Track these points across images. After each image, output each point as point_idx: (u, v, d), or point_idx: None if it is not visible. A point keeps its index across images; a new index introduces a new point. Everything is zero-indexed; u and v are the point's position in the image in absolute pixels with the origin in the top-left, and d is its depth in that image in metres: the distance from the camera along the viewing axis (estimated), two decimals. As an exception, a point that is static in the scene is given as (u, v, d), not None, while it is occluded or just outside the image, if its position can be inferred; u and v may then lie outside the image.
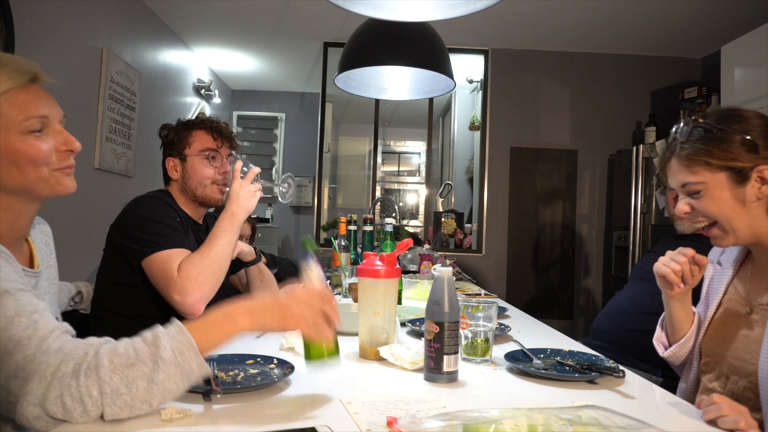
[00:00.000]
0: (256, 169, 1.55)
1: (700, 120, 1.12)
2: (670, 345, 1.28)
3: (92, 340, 0.80)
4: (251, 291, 1.79)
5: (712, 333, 1.21)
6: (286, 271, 2.75)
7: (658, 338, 1.33)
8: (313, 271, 1.01)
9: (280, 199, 1.63)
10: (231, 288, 1.99)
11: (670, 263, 1.18)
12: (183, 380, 0.80)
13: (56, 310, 1.07)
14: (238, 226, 1.50)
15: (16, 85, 0.88)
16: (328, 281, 2.45)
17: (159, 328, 0.82)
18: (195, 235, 1.68)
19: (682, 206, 1.14)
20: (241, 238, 1.85)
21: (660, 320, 1.35)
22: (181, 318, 1.29)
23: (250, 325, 0.88)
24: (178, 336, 0.81)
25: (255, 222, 2.78)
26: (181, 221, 1.58)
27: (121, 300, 1.53)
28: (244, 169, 1.53)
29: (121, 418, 0.77)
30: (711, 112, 1.14)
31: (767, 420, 0.99)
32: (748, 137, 1.06)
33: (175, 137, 1.69)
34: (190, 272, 1.38)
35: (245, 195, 1.51)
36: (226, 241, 1.47)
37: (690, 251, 1.18)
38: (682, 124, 1.14)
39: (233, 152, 1.65)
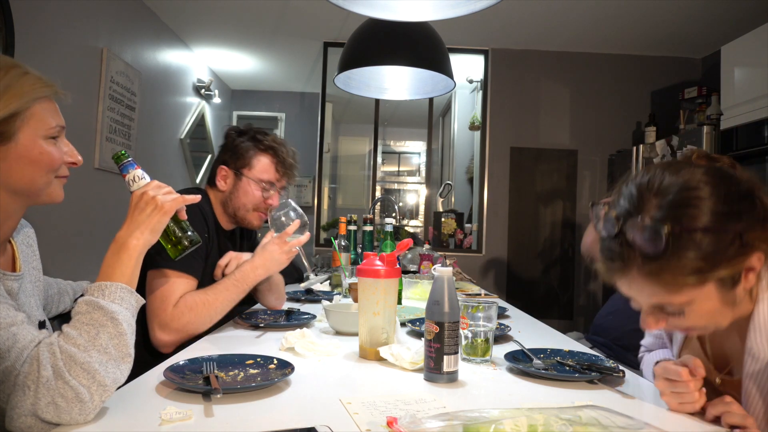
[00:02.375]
0: (304, 238, 1.51)
1: (653, 214, 0.83)
2: None
3: (45, 339, 0.81)
4: (259, 293, 1.76)
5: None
6: (285, 271, 2.75)
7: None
8: (138, 175, 1.01)
9: (303, 285, 1.60)
10: None
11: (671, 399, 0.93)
12: (135, 315, 0.89)
13: (41, 312, 1.07)
14: (252, 285, 1.47)
15: (48, 95, 0.93)
16: (328, 280, 2.45)
17: (81, 300, 0.86)
18: (220, 240, 1.63)
19: (654, 324, 0.89)
20: None
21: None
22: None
23: (136, 241, 0.94)
24: (106, 289, 0.86)
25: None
26: (209, 229, 1.55)
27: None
28: (297, 234, 1.50)
29: (123, 381, 0.82)
30: (660, 190, 0.84)
31: None
32: (727, 226, 0.81)
33: (241, 150, 1.63)
34: (183, 316, 1.34)
35: (277, 258, 1.48)
36: (232, 298, 1.44)
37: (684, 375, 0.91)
38: (635, 229, 0.83)
39: (291, 200, 1.58)
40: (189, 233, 1.06)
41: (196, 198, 1.05)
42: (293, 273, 2.86)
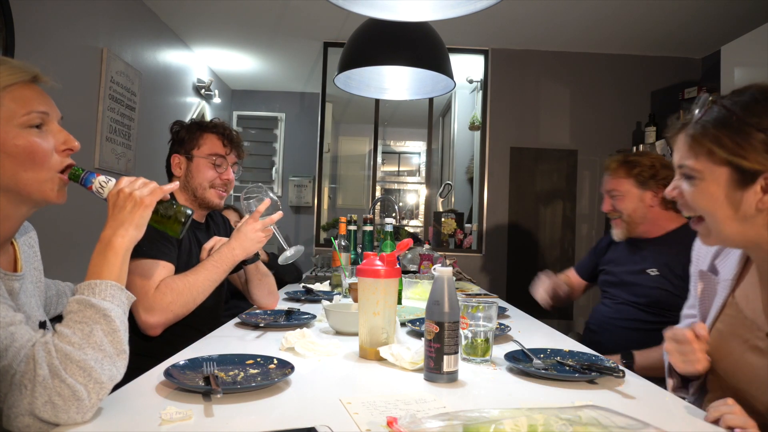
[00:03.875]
0: (276, 216, 1.57)
1: (725, 100, 0.96)
2: (687, 383, 1.12)
3: (39, 339, 0.80)
4: (250, 289, 1.78)
5: (710, 354, 1.04)
6: (285, 270, 2.75)
7: (672, 387, 1.14)
8: (101, 181, 0.99)
9: (280, 259, 1.64)
10: (230, 287, 1.99)
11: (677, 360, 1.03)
12: (126, 312, 0.88)
13: (42, 312, 1.07)
14: (231, 265, 1.52)
15: (19, 81, 0.89)
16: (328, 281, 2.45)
17: (72, 299, 0.85)
18: (192, 233, 1.68)
19: (672, 187, 1.02)
20: None
21: (667, 370, 1.15)
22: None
23: (122, 238, 0.92)
24: (96, 287, 0.86)
25: None
26: None
27: None
28: (269, 215, 1.55)
29: (119, 378, 0.82)
30: (742, 90, 0.98)
31: None
32: None
33: (186, 135, 1.71)
34: (165, 297, 1.39)
35: (252, 237, 1.53)
36: (213, 278, 1.48)
37: (689, 336, 1.01)
38: (703, 98, 1.00)
39: (243, 173, 1.70)
40: (181, 208, 1.04)
41: (174, 186, 1.04)
42: (293, 272, 2.86)
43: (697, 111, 0.98)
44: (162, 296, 1.38)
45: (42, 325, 1.05)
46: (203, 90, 4.91)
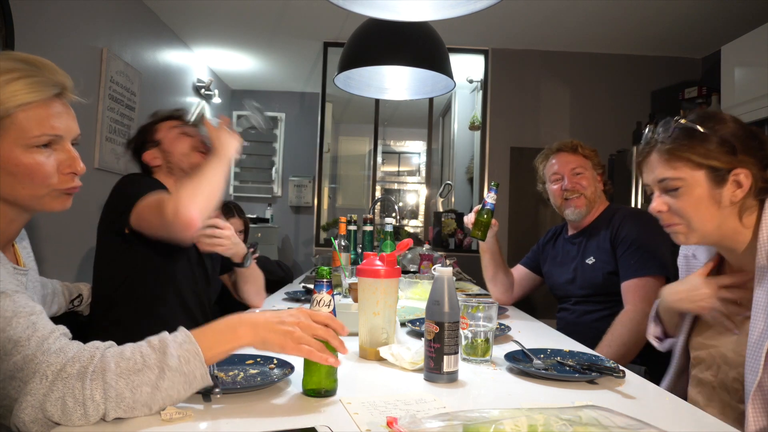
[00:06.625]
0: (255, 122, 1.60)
1: (682, 120, 1.13)
2: (666, 336, 1.33)
3: (98, 344, 0.80)
4: (239, 286, 1.80)
5: (703, 329, 1.22)
6: (275, 273, 2.74)
7: (653, 333, 1.35)
8: (324, 301, 0.97)
9: (255, 125, 1.67)
10: (222, 286, 1.99)
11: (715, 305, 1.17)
12: (186, 388, 0.81)
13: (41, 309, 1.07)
14: (225, 161, 1.42)
15: (39, 99, 0.86)
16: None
17: (166, 335, 0.82)
18: None
19: (658, 204, 1.15)
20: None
21: (652, 316, 1.37)
22: (194, 322, 1.29)
23: (252, 340, 0.88)
24: (186, 344, 0.82)
25: (247, 219, 2.76)
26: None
27: (127, 288, 1.54)
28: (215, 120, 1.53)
29: (119, 417, 0.77)
30: (691, 113, 1.16)
31: (749, 410, 1.02)
32: (727, 139, 1.08)
33: (142, 137, 1.72)
34: (182, 191, 1.30)
35: (225, 136, 1.45)
36: (215, 170, 1.38)
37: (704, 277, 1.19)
38: (662, 122, 1.16)
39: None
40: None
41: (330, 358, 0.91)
42: (277, 271, 2.84)
43: (661, 132, 1.14)
44: (178, 192, 1.29)
45: None
46: (203, 90, 4.91)
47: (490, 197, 1.88)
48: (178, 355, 0.80)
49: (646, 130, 1.20)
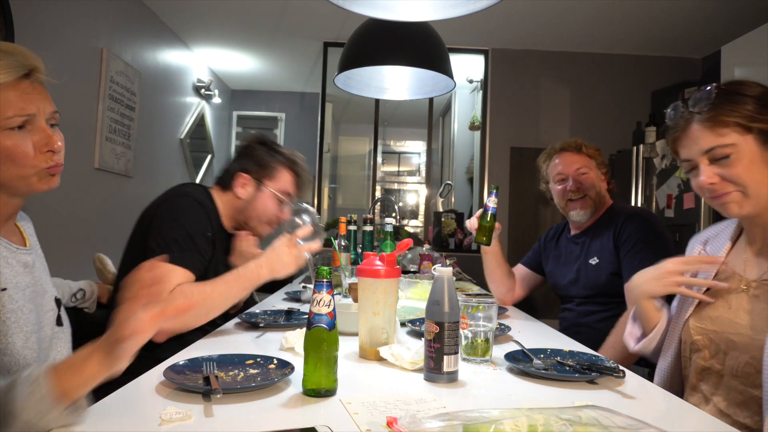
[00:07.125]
0: (315, 246, 1.46)
1: (719, 85, 1.08)
2: (644, 336, 1.30)
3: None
4: None
5: (704, 313, 1.18)
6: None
7: (630, 333, 1.33)
8: (324, 301, 0.95)
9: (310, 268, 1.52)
10: None
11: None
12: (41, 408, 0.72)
13: (54, 290, 1.06)
14: (254, 284, 1.41)
15: (6, 81, 0.86)
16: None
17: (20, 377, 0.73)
18: (220, 244, 1.61)
19: (707, 177, 1.07)
20: None
21: (631, 316, 1.35)
22: None
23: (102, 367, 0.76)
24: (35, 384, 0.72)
25: None
26: (213, 229, 1.52)
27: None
28: (309, 241, 1.46)
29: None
30: (704, 87, 1.12)
31: (767, 396, 0.97)
32: (764, 98, 1.04)
33: (266, 160, 1.64)
34: (196, 294, 1.30)
35: (285, 260, 1.42)
36: (232, 293, 1.38)
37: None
38: (693, 95, 1.10)
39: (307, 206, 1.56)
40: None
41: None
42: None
43: (696, 102, 1.08)
44: (173, 302, 1.31)
45: (57, 301, 1.05)
46: (203, 90, 4.91)
47: (491, 201, 1.86)
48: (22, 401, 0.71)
49: (669, 108, 1.14)
